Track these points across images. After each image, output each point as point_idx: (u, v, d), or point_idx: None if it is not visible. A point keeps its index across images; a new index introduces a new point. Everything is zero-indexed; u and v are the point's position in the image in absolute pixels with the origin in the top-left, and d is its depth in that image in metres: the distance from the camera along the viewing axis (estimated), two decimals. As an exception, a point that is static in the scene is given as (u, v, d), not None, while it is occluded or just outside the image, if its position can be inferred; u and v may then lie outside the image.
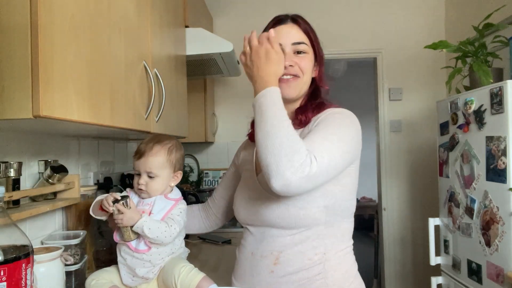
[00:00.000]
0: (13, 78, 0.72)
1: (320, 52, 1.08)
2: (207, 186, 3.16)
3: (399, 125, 3.11)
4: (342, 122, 0.97)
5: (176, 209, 1.11)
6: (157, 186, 1.10)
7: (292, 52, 1.03)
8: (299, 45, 1.03)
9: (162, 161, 1.10)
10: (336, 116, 0.98)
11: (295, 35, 1.04)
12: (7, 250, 0.69)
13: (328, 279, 0.97)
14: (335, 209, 0.98)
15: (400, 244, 3.10)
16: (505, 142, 1.64)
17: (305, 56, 1.04)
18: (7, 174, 1.04)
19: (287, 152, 0.81)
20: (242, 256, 1.08)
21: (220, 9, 3.10)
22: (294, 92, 1.04)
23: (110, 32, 1.05)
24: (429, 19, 3.08)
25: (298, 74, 1.03)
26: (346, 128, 0.96)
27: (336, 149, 0.89)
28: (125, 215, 1.02)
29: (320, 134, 0.92)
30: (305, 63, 1.03)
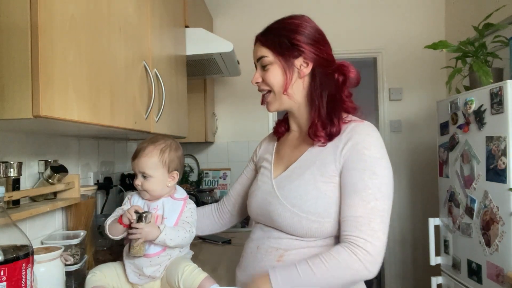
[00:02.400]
0: (13, 78, 0.72)
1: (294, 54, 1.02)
2: (207, 186, 3.16)
3: (399, 125, 3.11)
4: (374, 159, 0.95)
5: (187, 210, 1.12)
6: (153, 187, 1.10)
7: (260, 69, 1.06)
8: (261, 61, 1.05)
9: (155, 162, 1.09)
10: (366, 154, 0.95)
11: (257, 52, 1.07)
12: (7, 250, 0.69)
13: None
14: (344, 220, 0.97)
15: (400, 244, 3.10)
16: (505, 142, 1.64)
17: (268, 68, 1.04)
18: (7, 174, 1.04)
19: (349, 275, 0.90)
20: (248, 249, 1.09)
21: (220, 9, 3.10)
22: (273, 106, 1.07)
23: (110, 32, 1.05)
24: (429, 19, 3.08)
25: (266, 88, 1.06)
26: (381, 168, 0.95)
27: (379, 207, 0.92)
28: (142, 231, 1.01)
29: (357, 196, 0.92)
30: (268, 75, 1.04)
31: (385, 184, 0.94)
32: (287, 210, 0.97)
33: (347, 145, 0.97)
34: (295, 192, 0.99)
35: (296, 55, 1.02)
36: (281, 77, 1.03)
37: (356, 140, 0.96)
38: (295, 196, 0.98)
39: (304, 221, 0.95)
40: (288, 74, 1.02)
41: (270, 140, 1.23)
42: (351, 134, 0.98)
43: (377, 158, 0.95)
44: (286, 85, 1.02)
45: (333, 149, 0.99)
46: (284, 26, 1.05)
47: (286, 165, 1.08)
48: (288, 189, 1.00)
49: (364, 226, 0.90)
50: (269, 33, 1.05)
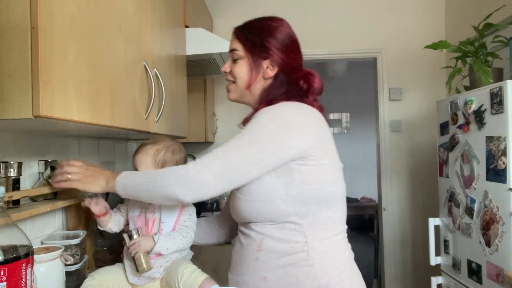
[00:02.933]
0: (13, 78, 0.72)
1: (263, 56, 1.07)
2: (207, 186, 3.16)
3: (399, 125, 3.11)
4: (262, 122, 0.98)
5: (185, 214, 1.12)
6: None
7: (231, 59, 1.13)
8: (232, 53, 1.11)
9: (147, 160, 1.12)
10: (259, 118, 0.99)
11: (231, 43, 1.12)
12: (7, 250, 0.69)
13: (315, 266, 0.97)
14: (304, 200, 0.97)
15: (400, 244, 3.10)
16: (505, 142, 1.64)
17: (238, 62, 1.10)
18: (7, 174, 1.04)
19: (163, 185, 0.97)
20: (234, 249, 1.11)
21: (220, 9, 3.10)
22: (233, 96, 1.15)
23: (110, 32, 1.05)
24: (429, 19, 3.08)
25: (231, 79, 1.13)
26: (264, 131, 0.96)
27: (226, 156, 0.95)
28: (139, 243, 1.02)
29: (228, 142, 0.98)
30: (236, 69, 1.10)
31: (255, 144, 0.95)
32: (242, 200, 1.01)
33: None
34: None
35: (264, 57, 1.07)
36: (247, 73, 1.09)
37: (256, 115, 1.01)
38: (244, 185, 1.01)
39: (257, 203, 0.98)
40: (253, 72, 1.08)
41: None
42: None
43: (266, 122, 0.97)
44: (250, 82, 1.09)
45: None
46: (261, 26, 1.10)
47: None
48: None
49: (207, 158, 0.96)
50: (246, 29, 1.10)
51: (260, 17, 1.12)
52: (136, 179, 1.01)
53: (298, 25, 1.16)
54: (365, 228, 5.61)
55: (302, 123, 0.98)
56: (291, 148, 0.96)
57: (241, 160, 0.95)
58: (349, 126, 6.48)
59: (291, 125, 0.97)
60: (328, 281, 0.97)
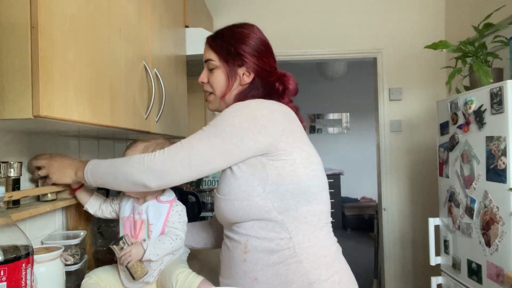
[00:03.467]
0: (13, 78, 0.72)
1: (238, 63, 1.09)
2: (207, 186, 3.16)
3: (399, 125, 3.11)
4: (226, 116, 0.99)
5: (174, 213, 1.11)
6: None
7: (207, 70, 1.13)
8: (207, 63, 1.13)
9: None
10: (224, 112, 1.01)
11: (205, 53, 1.14)
12: (7, 250, 0.69)
13: (303, 262, 0.97)
14: (281, 195, 0.97)
15: (400, 244, 3.10)
16: (505, 142, 1.64)
17: (214, 71, 1.11)
18: (7, 174, 1.04)
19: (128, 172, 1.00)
20: (222, 254, 1.11)
21: (220, 9, 3.10)
22: (212, 106, 1.16)
23: (110, 32, 1.05)
24: (429, 19, 3.08)
25: (209, 90, 1.14)
26: (226, 124, 0.98)
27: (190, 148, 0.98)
28: (131, 252, 1.02)
29: (194, 134, 1.02)
30: (213, 79, 1.11)
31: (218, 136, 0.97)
32: (221, 201, 1.02)
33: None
34: (220, 184, 1.04)
35: (240, 64, 1.09)
36: (224, 82, 1.10)
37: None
38: (221, 186, 1.03)
39: (236, 202, 0.99)
40: (230, 80, 1.09)
41: None
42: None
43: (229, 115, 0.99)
44: (226, 90, 1.10)
45: None
46: (233, 34, 1.11)
47: None
48: (218, 184, 1.07)
49: (174, 147, 0.99)
50: (218, 38, 1.12)
51: (230, 25, 1.14)
52: (103, 167, 1.04)
53: (298, 25, 1.17)
54: (365, 228, 5.61)
55: (266, 117, 0.99)
56: (254, 141, 0.96)
57: (206, 150, 0.97)
58: (349, 126, 6.48)
59: (256, 118, 0.98)
60: (318, 276, 0.97)
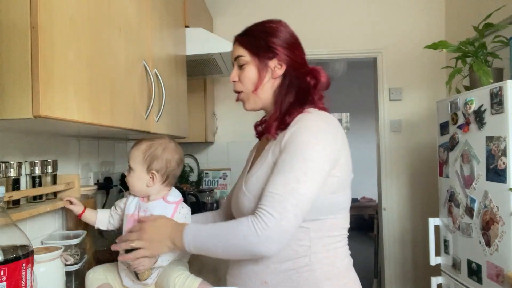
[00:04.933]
0: (13, 78, 0.72)
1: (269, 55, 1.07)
2: (207, 186, 3.16)
3: (399, 125, 3.11)
4: (308, 144, 0.95)
5: (180, 217, 1.10)
6: (132, 181, 1.11)
7: (237, 68, 1.11)
8: (237, 60, 1.10)
9: (137, 155, 1.11)
10: (299, 139, 0.96)
11: (234, 51, 1.11)
12: (7, 250, 0.69)
13: (316, 271, 0.97)
14: (316, 206, 0.97)
15: (400, 244, 3.10)
16: (505, 142, 1.64)
17: (244, 68, 1.09)
18: (7, 174, 1.04)
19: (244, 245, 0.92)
20: None
21: (220, 9, 3.10)
22: (248, 105, 1.12)
23: (110, 32, 1.05)
24: (429, 19, 3.08)
25: (239, 89, 1.11)
26: (313, 152, 0.95)
27: (299, 190, 0.92)
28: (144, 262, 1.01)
29: (281, 176, 0.94)
30: (244, 75, 1.09)
31: (313, 169, 0.93)
32: (252, 202, 1.00)
33: (290, 131, 0.99)
34: (255, 184, 1.01)
35: (271, 57, 1.07)
36: (255, 76, 1.08)
37: (296, 127, 0.99)
38: (256, 187, 1.00)
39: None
40: (262, 74, 1.07)
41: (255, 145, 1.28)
42: (295, 123, 1.01)
43: (310, 143, 0.95)
44: (258, 84, 1.07)
45: (282, 137, 1.01)
46: (262, 29, 1.10)
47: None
48: (250, 183, 1.03)
49: (277, 203, 0.91)
50: (247, 35, 1.10)
51: (258, 22, 1.12)
52: (208, 240, 0.96)
53: (298, 25, 1.17)
54: (365, 228, 5.60)
55: (336, 136, 1.00)
56: (334, 161, 0.98)
57: (310, 190, 0.93)
58: (349, 126, 6.48)
59: (333, 140, 0.98)
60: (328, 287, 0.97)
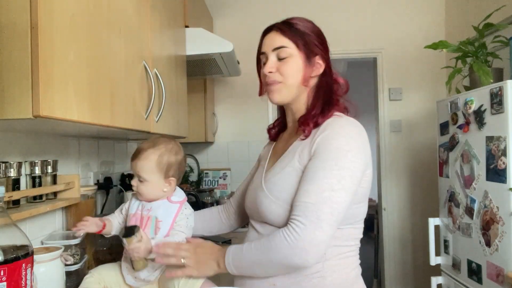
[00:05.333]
0: (13, 78, 0.72)
1: (314, 50, 1.06)
2: (207, 186, 3.16)
3: (399, 125, 3.11)
4: (340, 151, 0.94)
5: (182, 216, 1.09)
6: (147, 190, 1.08)
7: (275, 59, 1.05)
8: (280, 50, 1.04)
9: (151, 166, 1.07)
10: (332, 146, 0.95)
11: (276, 41, 1.05)
12: (7, 250, 0.69)
13: (326, 279, 0.97)
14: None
15: (400, 244, 3.10)
16: (505, 142, 1.64)
17: (287, 60, 1.04)
18: (7, 174, 1.04)
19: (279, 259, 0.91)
20: None
21: (220, 9, 3.10)
22: (278, 97, 1.05)
23: (110, 32, 1.05)
24: (429, 19, 3.08)
25: (277, 79, 1.04)
26: (346, 160, 0.93)
27: (333, 198, 0.90)
28: (139, 250, 0.99)
29: (315, 184, 0.92)
30: (286, 67, 1.03)
31: (347, 177, 0.92)
32: (272, 203, 0.99)
33: (320, 136, 0.97)
34: (278, 185, 1.00)
35: (315, 53, 1.06)
36: (301, 70, 1.04)
37: (327, 132, 0.97)
38: (278, 189, 0.99)
39: (289, 213, 0.95)
40: (308, 69, 1.05)
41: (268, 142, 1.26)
42: (326, 126, 0.99)
43: (343, 150, 0.94)
44: (306, 78, 1.04)
45: (310, 140, 1.00)
46: (304, 24, 1.08)
47: (277, 159, 1.09)
48: (271, 182, 1.02)
49: (310, 212, 0.89)
50: (292, 26, 1.06)
51: (296, 17, 1.09)
52: (246, 259, 0.96)
53: (298, 25, 1.16)
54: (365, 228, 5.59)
55: (365, 143, 0.99)
56: (364, 171, 0.98)
57: (344, 199, 0.91)
58: (349, 126, 6.47)
59: (363, 147, 0.97)
60: None
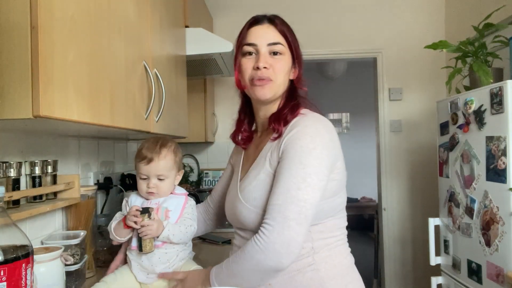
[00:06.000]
0: (13, 78, 0.72)
1: (298, 53, 1.07)
2: (207, 186, 3.16)
3: (399, 125, 3.11)
4: (304, 149, 0.93)
5: (188, 207, 1.15)
6: (167, 187, 1.14)
7: (268, 53, 1.02)
8: (275, 46, 1.02)
9: (171, 164, 1.13)
10: (296, 145, 0.94)
11: (271, 35, 1.03)
12: (7, 250, 0.69)
13: (320, 271, 0.97)
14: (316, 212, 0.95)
15: (400, 244, 3.10)
16: (505, 142, 1.64)
17: (280, 57, 1.02)
18: (7, 174, 1.04)
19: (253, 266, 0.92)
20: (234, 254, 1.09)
21: (220, 9, 3.10)
22: (268, 94, 1.02)
23: (110, 32, 1.05)
24: (429, 19, 3.08)
25: (271, 77, 1.01)
26: (311, 157, 0.92)
27: (299, 196, 0.90)
28: (152, 227, 1.03)
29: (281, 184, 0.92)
30: (280, 65, 1.02)
31: (312, 175, 0.91)
32: (251, 212, 0.98)
33: (287, 136, 0.97)
34: (254, 193, 0.99)
35: (297, 54, 1.06)
36: (288, 69, 1.05)
37: (293, 132, 0.96)
38: (255, 197, 0.98)
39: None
40: (294, 67, 1.06)
41: (237, 146, 1.23)
42: (292, 126, 0.98)
43: (308, 148, 0.93)
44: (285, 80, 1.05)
45: (278, 142, 0.99)
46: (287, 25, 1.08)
47: (249, 167, 1.08)
48: (247, 191, 1.01)
49: (277, 213, 0.89)
50: (283, 23, 1.06)
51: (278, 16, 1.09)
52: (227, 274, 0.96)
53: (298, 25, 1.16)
54: (365, 228, 5.61)
55: (333, 139, 0.99)
56: (333, 164, 0.97)
57: (311, 195, 0.91)
58: (349, 126, 6.48)
59: (330, 143, 0.96)
60: (333, 286, 0.97)
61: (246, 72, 1.03)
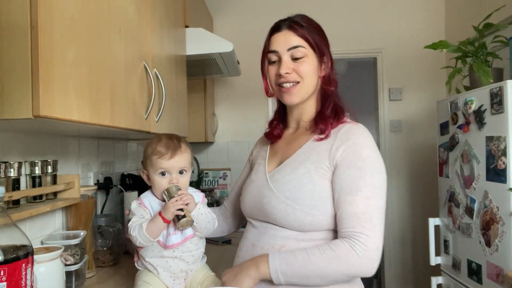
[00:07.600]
0: (13, 78, 0.72)
1: (324, 51, 1.07)
2: (207, 186, 3.16)
3: (399, 125, 3.11)
4: (371, 159, 0.98)
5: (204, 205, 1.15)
6: (187, 180, 1.14)
7: (290, 58, 1.04)
8: (296, 50, 1.04)
9: (191, 157, 1.14)
10: (364, 154, 0.98)
11: (290, 40, 1.05)
12: (7, 250, 0.69)
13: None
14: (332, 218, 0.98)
15: (400, 244, 3.10)
16: (505, 142, 1.64)
17: (303, 60, 1.04)
18: (7, 174, 1.04)
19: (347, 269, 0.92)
20: (243, 247, 1.09)
21: (220, 9, 3.10)
22: (297, 98, 1.05)
23: (110, 32, 1.05)
24: (429, 19, 3.08)
25: (296, 80, 1.04)
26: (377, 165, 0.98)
27: (378, 204, 0.95)
28: (187, 195, 1.05)
29: (359, 193, 0.94)
30: (303, 67, 1.04)
31: (381, 182, 0.97)
32: (281, 202, 0.99)
33: (344, 145, 0.99)
34: (289, 185, 1.00)
35: (323, 52, 1.08)
36: (315, 69, 1.06)
37: (353, 141, 0.99)
38: (289, 188, 0.99)
39: (299, 213, 0.96)
40: (320, 67, 1.07)
41: (262, 141, 1.25)
42: (348, 135, 1.01)
43: (374, 158, 0.99)
44: (325, 78, 1.07)
45: (328, 146, 1.01)
46: (314, 24, 1.10)
47: (280, 160, 1.09)
48: (282, 182, 1.02)
49: (366, 222, 0.92)
50: (302, 26, 1.07)
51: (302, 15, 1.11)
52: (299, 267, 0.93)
53: (298, 25, 1.16)
54: (365, 228, 5.60)
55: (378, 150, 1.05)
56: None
57: (383, 202, 0.97)
58: (349, 126, 6.47)
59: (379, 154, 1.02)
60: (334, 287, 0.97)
61: (272, 79, 1.08)
